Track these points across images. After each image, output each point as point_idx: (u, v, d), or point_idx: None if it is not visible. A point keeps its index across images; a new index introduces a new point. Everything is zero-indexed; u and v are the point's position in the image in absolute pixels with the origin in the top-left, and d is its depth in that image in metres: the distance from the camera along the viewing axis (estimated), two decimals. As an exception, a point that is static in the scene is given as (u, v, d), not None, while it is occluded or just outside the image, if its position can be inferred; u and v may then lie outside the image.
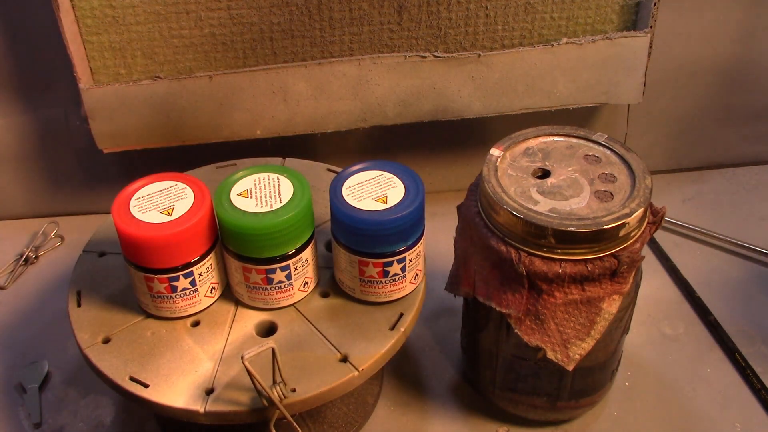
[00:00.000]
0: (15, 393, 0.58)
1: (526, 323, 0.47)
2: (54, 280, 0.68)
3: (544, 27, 0.66)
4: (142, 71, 0.64)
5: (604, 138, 0.50)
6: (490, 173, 0.48)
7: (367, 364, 0.46)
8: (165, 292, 0.47)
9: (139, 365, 0.46)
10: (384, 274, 0.48)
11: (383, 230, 0.47)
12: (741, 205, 0.75)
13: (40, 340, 0.62)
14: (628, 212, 0.45)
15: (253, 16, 0.62)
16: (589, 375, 0.51)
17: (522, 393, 0.53)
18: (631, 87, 0.68)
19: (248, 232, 0.46)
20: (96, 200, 0.75)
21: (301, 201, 0.47)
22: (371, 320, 0.49)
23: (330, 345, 0.47)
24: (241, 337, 0.48)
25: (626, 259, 0.45)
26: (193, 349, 0.47)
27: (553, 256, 0.45)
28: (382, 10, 0.63)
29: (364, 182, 0.48)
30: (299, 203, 0.46)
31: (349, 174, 0.49)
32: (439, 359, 0.60)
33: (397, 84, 0.65)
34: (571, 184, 0.47)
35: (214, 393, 0.45)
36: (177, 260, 0.46)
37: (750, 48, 0.72)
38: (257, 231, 0.46)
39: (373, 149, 0.73)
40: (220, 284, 0.50)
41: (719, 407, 0.56)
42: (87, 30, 0.61)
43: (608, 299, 0.46)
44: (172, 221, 0.45)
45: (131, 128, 0.64)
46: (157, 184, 0.48)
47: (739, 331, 0.61)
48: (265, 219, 0.46)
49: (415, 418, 0.56)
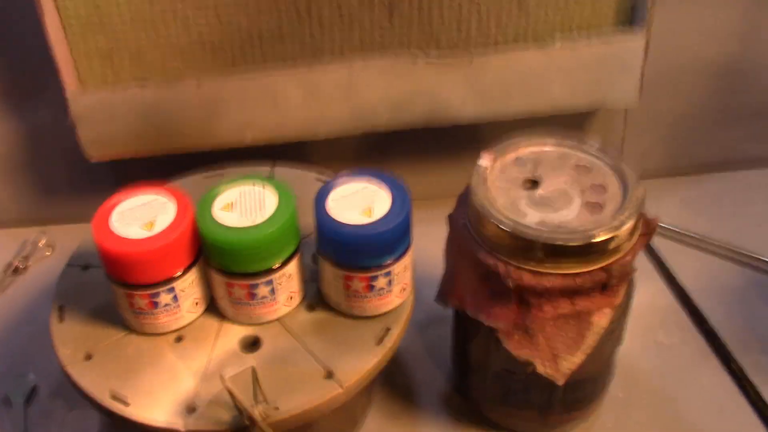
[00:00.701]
0: (1, 406, 0.57)
1: (515, 337, 0.46)
2: (43, 291, 0.67)
3: (539, 27, 0.65)
4: (130, 76, 0.63)
5: (596, 147, 0.49)
6: (478, 184, 0.47)
7: (353, 381, 0.45)
8: (147, 308, 0.46)
9: (120, 382, 0.46)
10: (370, 288, 0.47)
11: (368, 244, 0.46)
12: (740, 210, 0.74)
13: (27, 353, 0.61)
14: (618, 224, 0.44)
15: (241, 19, 0.61)
16: (581, 388, 0.51)
17: (513, 406, 0.52)
18: (628, 88, 0.66)
19: (231, 247, 0.45)
20: (86, 208, 0.73)
21: (285, 215, 0.46)
22: (357, 335, 0.48)
23: (315, 360, 0.47)
24: (225, 352, 0.47)
25: (617, 272, 0.44)
26: (175, 365, 0.47)
27: (542, 270, 0.44)
28: (372, 10, 0.62)
29: (349, 195, 0.47)
30: (283, 217, 0.46)
31: (334, 186, 0.48)
32: (430, 369, 0.59)
33: (388, 88, 0.64)
34: (560, 195, 0.46)
35: (196, 411, 0.44)
36: (158, 275, 0.45)
37: (748, 48, 0.71)
38: (240, 246, 0.45)
39: (365, 154, 0.72)
40: (204, 299, 0.49)
41: (715, 417, 0.55)
42: (73, 35, 0.60)
43: (598, 313, 0.45)
44: (153, 236, 0.45)
45: (119, 134, 0.64)
46: (139, 197, 0.47)
47: (736, 339, 0.60)
48: (248, 234, 0.45)
49: (406, 429, 0.55)
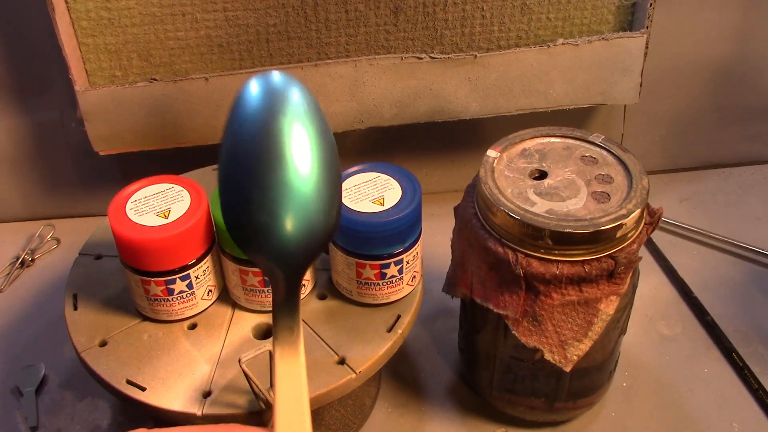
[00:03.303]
0: (11, 396, 0.58)
1: (523, 324, 0.47)
2: (50, 283, 0.68)
3: (540, 28, 0.66)
4: (138, 73, 0.64)
5: (601, 139, 0.50)
6: (486, 175, 0.48)
7: (365, 367, 0.46)
8: (162, 295, 0.47)
9: (135, 368, 0.46)
10: (381, 276, 0.48)
11: (380, 232, 0.46)
12: (738, 205, 0.75)
13: (36, 344, 0.62)
14: (625, 213, 0.45)
15: (249, 17, 0.62)
16: (587, 376, 0.51)
17: (520, 394, 0.53)
18: (628, 87, 0.68)
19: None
20: (92, 203, 0.74)
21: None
22: (368, 322, 0.49)
23: (327, 347, 0.47)
24: (239, 339, 0.48)
25: (623, 260, 0.45)
26: (190, 352, 0.47)
27: (551, 258, 0.45)
28: (378, 11, 0.63)
29: (361, 184, 0.48)
30: (296, 205, 0.46)
31: (346, 176, 0.49)
32: (436, 361, 0.60)
33: (393, 85, 0.65)
34: (567, 185, 0.47)
35: (212, 396, 0.45)
36: (174, 263, 0.46)
37: (746, 48, 0.72)
38: (254, 233, 0.45)
39: (370, 150, 0.73)
40: (217, 287, 0.50)
41: (717, 407, 0.56)
42: (82, 32, 0.61)
43: (605, 300, 0.46)
44: (169, 224, 0.45)
45: (127, 130, 0.64)
46: (154, 186, 0.48)
47: (737, 331, 0.62)
48: (261, 221, 0.45)
49: (413, 420, 0.56)
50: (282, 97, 0.26)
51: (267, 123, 0.26)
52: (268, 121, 0.26)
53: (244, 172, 0.26)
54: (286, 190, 0.25)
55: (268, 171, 0.25)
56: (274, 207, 0.26)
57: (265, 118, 0.26)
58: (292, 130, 0.25)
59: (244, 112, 0.27)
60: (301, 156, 0.25)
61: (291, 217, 0.26)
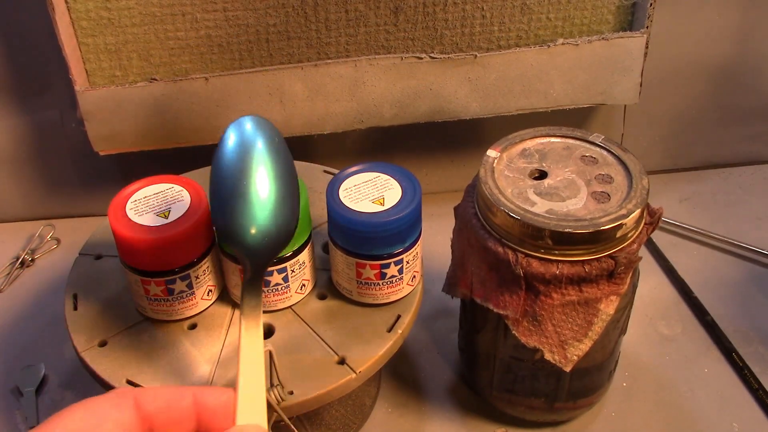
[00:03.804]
0: (11, 396, 0.58)
1: (523, 324, 0.47)
2: (50, 283, 0.68)
3: (540, 28, 0.66)
4: (138, 73, 0.64)
5: (601, 139, 0.50)
6: (486, 174, 0.48)
7: (365, 366, 0.46)
8: (162, 295, 0.47)
9: (136, 368, 0.46)
10: (381, 276, 0.48)
11: (381, 232, 0.46)
12: (738, 205, 0.75)
13: (36, 344, 0.62)
14: (625, 213, 0.45)
15: (249, 17, 0.62)
16: (587, 376, 0.51)
17: (520, 394, 0.53)
18: (628, 87, 0.68)
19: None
20: (92, 202, 0.74)
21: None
22: (368, 322, 0.49)
23: (327, 347, 0.47)
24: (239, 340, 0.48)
25: (623, 260, 0.45)
26: (190, 352, 0.47)
27: (551, 258, 0.45)
28: (378, 11, 0.63)
29: (361, 184, 0.48)
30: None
31: (346, 176, 0.49)
32: (436, 361, 0.60)
33: (393, 85, 0.65)
34: (568, 185, 0.47)
35: (212, 396, 0.44)
36: (174, 263, 0.46)
37: (746, 48, 0.72)
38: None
39: (370, 150, 0.73)
40: (217, 287, 0.50)
41: (717, 407, 0.56)
42: (82, 32, 0.61)
43: (605, 300, 0.46)
44: (169, 224, 0.45)
45: (127, 130, 0.64)
46: (153, 186, 0.48)
47: (737, 331, 0.62)
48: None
49: (413, 420, 0.56)
50: (250, 146, 0.41)
51: (239, 164, 0.40)
52: (240, 163, 0.40)
53: (224, 195, 0.39)
54: (251, 209, 0.39)
55: (239, 196, 0.39)
56: (243, 218, 0.39)
57: (238, 161, 0.40)
58: (256, 171, 0.40)
59: (223, 154, 0.40)
60: (262, 188, 0.40)
61: (254, 226, 0.39)
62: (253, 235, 0.39)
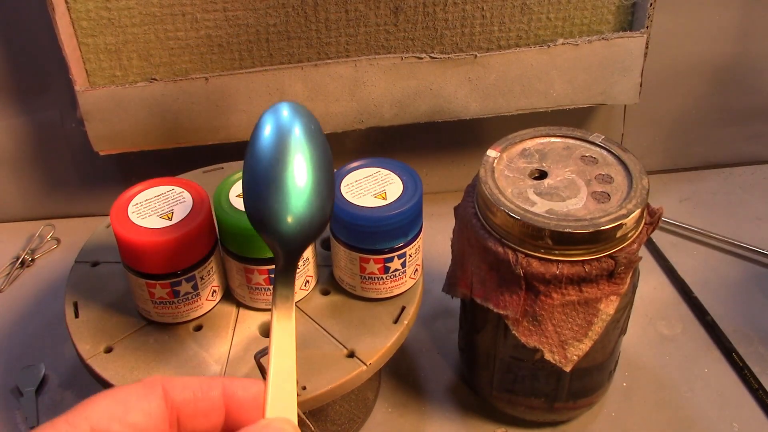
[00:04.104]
0: (11, 396, 0.58)
1: (523, 324, 0.47)
2: (50, 283, 0.68)
3: (540, 28, 0.66)
4: (138, 73, 0.64)
5: (601, 139, 0.50)
6: (486, 174, 0.48)
7: (375, 358, 0.47)
8: (167, 298, 0.47)
9: (144, 372, 0.46)
10: (385, 270, 0.49)
11: (384, 226, 0.47)
12: (738, 205, 0.75)
13: (36, 344, 0.62)
14: (625, 213, 0.45)
15: (249, 17, 0.62)
16: (587, 376, 0.51)
17: (519, 394, 0.53)
18: (628, 87, 0.68)
19: (249, 233, 0.45)
20: (92, 203, 0.74)
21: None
22: (373, 315, 0.49)
23: (336, 341, 0.48)
24: (246, 338, 0.48)
25: (623, 260, 0.45)
26: (198, 353, 0.47)
27: (551, 258, 0.45)
28: (378, 11, 0.63)
29: (362, 179, 0.49)
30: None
31: (347, 172, 0.49)
32: (436, 361, 0.60)
33: (393, 85, 0.65)
34: (568, 185, 0.47)
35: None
36: (179, 265, 0.46)
37: (746, 48, 0.72)
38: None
39: (370, 150, 0.73)
40: (221, 287, 0.50)
41: (717, 407, 0.56)
42: (82, 32, 0.61)
43: (605, 300, 0.46)
44: (174, 225, 0.45)
45: (127, 130, 0.64)
46: (154, 189, 0.48)
47: (736, 331, 0.62)
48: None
49: (413, 420, 0.56)
50: (287, 132, 0.39)
51: (276, 151, 0.38)
52: (276, 150, 0.38)
53: (262, 181, 0.38)
54: (288, 197, 0.38)
55: (277, 183, 0.38)
56: (280, 207, 0.38)
57: (275, 147, 0.38)
58: (294, 158, 0.38)
59: (260, 140, 0.39)
60: (299, 175, 0.38)
61: (290, 214, 0.38)
62: (289, 224, 0.38)
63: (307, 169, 0.39)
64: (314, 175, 0.39)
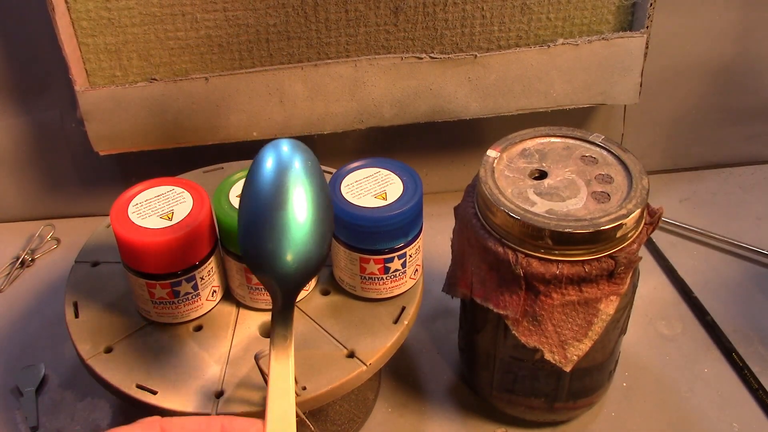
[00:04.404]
0: (11, 396, 0.58)
1: (523, 324, 0.47)
2: (50, 283, 0.68)
3: (540, 28, 0.66)
4: (138, 73, 0.64)
5: (601, 139, 0.50)
6: (486, 174, 0.48)
7: (375, 358, 0.47)
8: (167, 298, 0.47)
9: (145, 373, 0.46)
10: (385, 271, 0.49)
11: (384, 226, 0.47)
12: (738, 205, 0.75)
13: (36, 344, 0.62)
14: (625, 213, 0.45)
15: (249, 17, 0.62)
16: (587, 376, 0.51)
17: (519, 394, 0.53)
18: (628, 87, 0.68)
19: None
20: (92, 202, 0.75)
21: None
22: (373, 315, 0.49)
23: (336, 342, 0.48)
24: (246, 338, 0.48)
25: (623, 260, 0.45)
26: (198, 353, 0.47)
27: (551, 258, 0.45)
28: (378, 11, 0.63)
29: (363, 180, 0.49)
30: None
31: (347, 172, 0.49)
32: (436, 361, 0.60)
33: (393, 85, 0.65)
34: (568, 185, 0.47)
35: (224, 395, 0.45)
36: (180, 265, 0.46)
37: (746, 48, 0.72)
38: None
39: (370, 150, 0.73)
40: (221, 287, 0.50)
41: (717, 407, 0.56)
42: (82, 32, 0.61)
43: (605, 300, 0.46)
44: (174, 225, 0.45)
45: (127, 130, 0.64)
46: (154, 189, 0.48)
47: (736, 331, 0.62)
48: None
49: (413, 420, 0.56)
50: (287, 166, 0.39)
51: (276, 185, 0.38)
52: (276, 184, 0.38)
53: (260, 217, 0.37)
54: (287, 233, 0.37)
55: (276, 218, 0.37)
56: (278, 243, 0.37)
57: (275, 181, 0.38)
58: (293, 192, 0.38)
59: (260, 173, 0.38)
60: (299, 209, 0.38)
61: (290, 251, 0.37)
62: (288, 261, 0.37)
63: (307, 203, 0.38)
64: (314, 216, 0.38)
